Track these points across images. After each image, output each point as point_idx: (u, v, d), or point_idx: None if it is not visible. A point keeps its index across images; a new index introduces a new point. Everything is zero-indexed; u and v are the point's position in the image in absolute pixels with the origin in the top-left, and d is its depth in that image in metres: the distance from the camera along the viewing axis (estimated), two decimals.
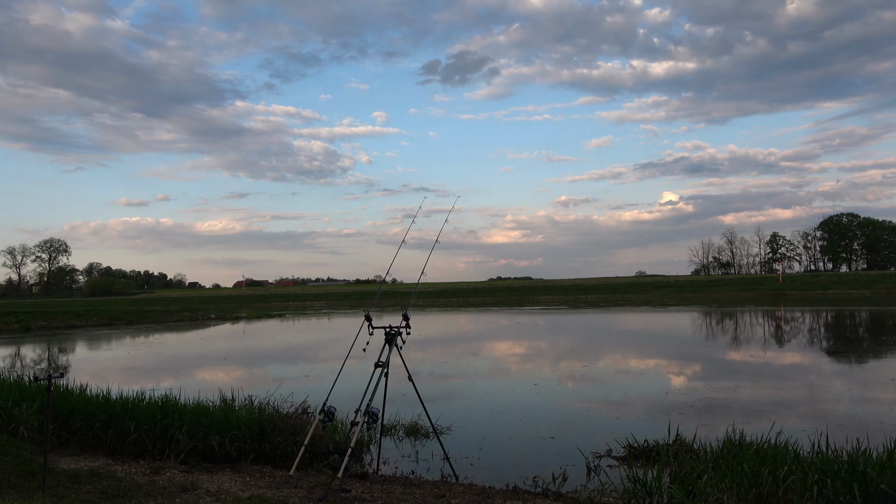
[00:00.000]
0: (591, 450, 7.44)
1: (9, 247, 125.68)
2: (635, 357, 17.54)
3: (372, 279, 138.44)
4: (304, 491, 5.86)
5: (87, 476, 6.02)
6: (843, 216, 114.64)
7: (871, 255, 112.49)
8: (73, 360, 20.24)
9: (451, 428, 8.85)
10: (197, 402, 8.00)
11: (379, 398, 6.36)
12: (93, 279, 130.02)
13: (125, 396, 7.95)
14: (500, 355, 19.04)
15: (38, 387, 8.17)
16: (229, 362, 18.52)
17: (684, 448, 6.60)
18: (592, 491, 6.00)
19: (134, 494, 5.53)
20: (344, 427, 7.44)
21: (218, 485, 6.00)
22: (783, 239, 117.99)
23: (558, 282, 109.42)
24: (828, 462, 5.16)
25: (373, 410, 6.15)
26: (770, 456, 5.50)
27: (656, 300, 62.53)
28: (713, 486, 5.04)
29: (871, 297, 58.02)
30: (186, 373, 16.24)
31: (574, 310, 47.49)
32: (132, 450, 7.06)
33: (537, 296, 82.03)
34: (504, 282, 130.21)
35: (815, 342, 21.34)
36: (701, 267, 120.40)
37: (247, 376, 15.11)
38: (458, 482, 6.54)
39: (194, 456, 6.86)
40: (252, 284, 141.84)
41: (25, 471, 6.04)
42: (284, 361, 18.46)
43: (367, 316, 6.60)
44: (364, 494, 5.83)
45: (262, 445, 7.07)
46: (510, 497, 5.85)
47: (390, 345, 6.53)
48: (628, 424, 8.84)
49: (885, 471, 4.79)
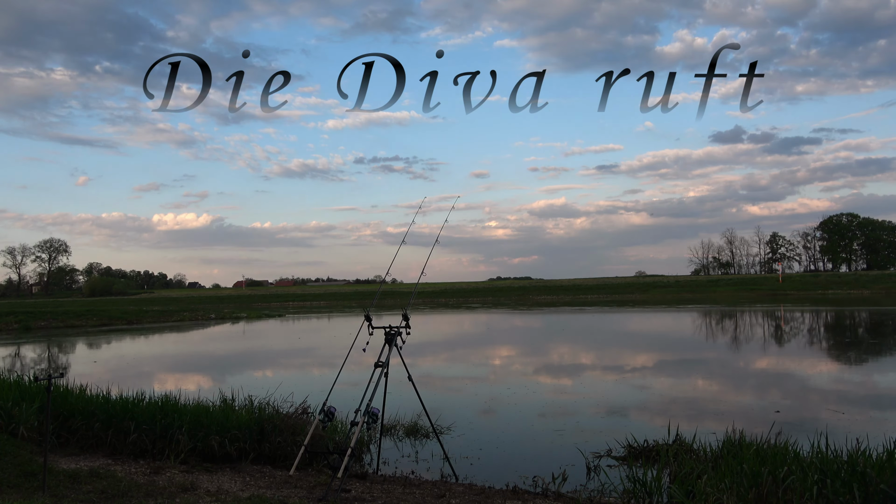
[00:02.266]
0: (591, 450, 7.44)
1: (9, 247, 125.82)
2: (635, 357, 17.54)
3: (372, 279, 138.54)
4: (304, 491, 5.86)
5: (87, 476, 6.02)
6: (843, 216, 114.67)
7: (870, 255, 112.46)
8: (72, 360, 20.23)
9: (451, 428, 8.85)
10: (197, 402, 7.99)
11: (379, 398, 6.36)
12: (93, 279, 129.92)
13: (125, 396, 7.95)
14: (500, 355, 19.04)
15: (38, 387, 8.17)
16: (229, 362, 18.52)
17: (684, 448, 6.60)
18: (592, 491, 6.00)
19: (134, 494, 5.53)
20: (344, 427, 7.44)
21: (218, 485, 6.00)
22: (783, 239, 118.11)
23: (558, 282, 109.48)
24: (828, 462, 5.16)
25: (373, 410, 6.15)
26: (770, 456, 5.49)
27: (656, 300, 62.52)
28: (713, 486, 5.04)
29: (871, 297, 58.02)
30: (186, 373, 16.24)
31: (574, 310, 47.48)
32: (132, 450, 7.06)
33: (537, 296, 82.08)
34: (504, 282, 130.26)
35: (814, 342, 21.34)
36: (700, 267, 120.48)
37: (247, 376, 15.10)
38: (458, 482, 6.54)
39: (194, 456, 6.86)
40: (252, 284, 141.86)
41: (25, 471, 6.04)
42: (284, 361, 18.46)
43: (367, 316, 6.61)
44: (364, 494, 5.83)
45: (262, 445, 7.07)
46: (510, 497, 5.85)
47: (390, 345, 6.53)
48: (628, 424, 8.85)
49: (885, 471, 4.79)
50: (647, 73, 22.01)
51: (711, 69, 25.88)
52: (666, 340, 23.05)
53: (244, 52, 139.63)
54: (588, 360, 17.19)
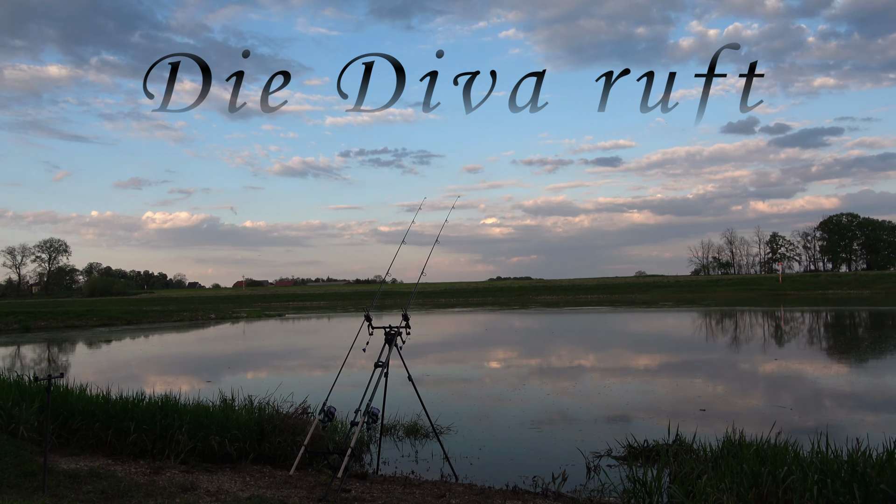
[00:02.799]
0: (591, 450, 7.44)
1: (9, 247, 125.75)
2: (635, 357, 17.54)
3: (372, 279, 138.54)
4: (304, 491, 5.86)
5: (87, 476, 6.02)
6: (843, 216, 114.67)
7: (870, 255, 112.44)
8: (72, 361, 20.24)
9: (451, 428, 8.85)
10: (197, 402, 7.99)
11: (379, 398, 6.36)
12: (93, 279, 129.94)
13: (125, 396, 7.95)
14: (500, 356, 19.04)
15: (38, 387, 8.17)
16: (229, 362, 18.52)
17: (684, 448, 6.60)
18: (592, 491, 6.00)
19: (134, 494, 5.53)
20: (344, 427, 7.44)
21: (218, 485, 6.00)
22: (783, 239, 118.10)
23: (558, 282, 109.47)
24: (828, 462, 5.16)
25: (373, 410, 6.16)
26: (770, 456, 5.49)
27: (656, 300, 62.53)
28: (713, 486, 5.04)
29: (871, 297, 58.02)
30: (186, 373, 16.24)
31: (574, 310, 47.48)
32: (132, 450, 7.06)
33: (537, 296, 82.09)
34: (504, 282, 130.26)
35: (814, 342, 21.34)
36: (700, 267, 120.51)
37: (247, 376, 15.11)
38: (458, 482, 6.54)
39: (194, 456, 6.86)
40: (252, 284, 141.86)
41: (25, 471, 6.04)
42: (284, 361, 18.46)
43: (367, 316, 6.61)
44: (364, 494, 5.83)
45: (262, 445, 7.07)
46: (510, 497, 5.85)
47: (390, 345, 6.53)
48: (628, 424, 8.85)
49: (885, 471, 4.79)
50: (646, 72, 22.04)
51: (711, 70, 25.83)
52: (666, 341, 23.05)
53: (244, 52, 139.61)
54: (587, 360, 17.19)
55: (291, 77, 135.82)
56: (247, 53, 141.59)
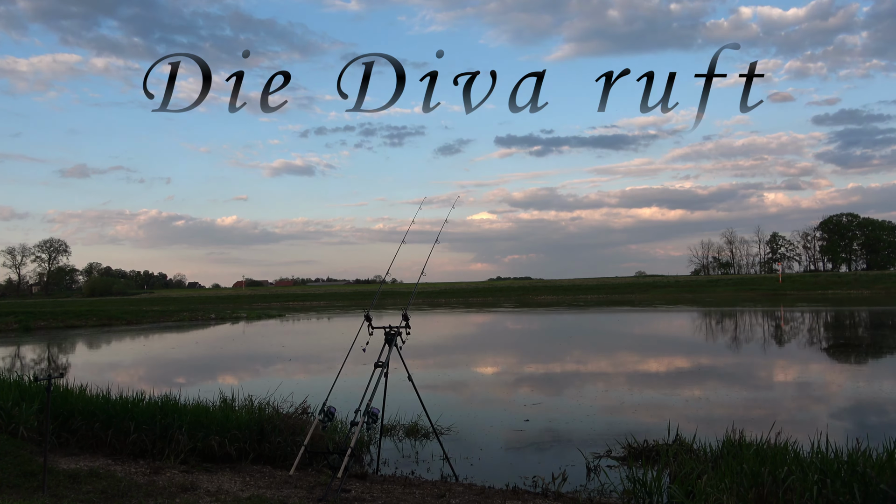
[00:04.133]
0: (590, 450, 7.44)
1: (8, 247, 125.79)
2: (635, 357, 17.54)
3: (372, 279, 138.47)
4: (304, 491, 5.86)
5: (87, 476, 6.02)
6: (843, 216, 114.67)
7: (870, 255, 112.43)
8: (72, 361, 20.23)
9: (451, 428, 8.84)
10: (197, 402, 7.99)
11: (379, 398, 6.36)
12: (93, 279, 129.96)
13: (125, 396, 7.95)
14: (500, 356, 19.04)
15: (38, 387, 8.17)
16: (229, 362, 18.52)
17: (684, 448, 6.60)
18: (592, 491, 6.00)
19: (134, 494, 5.53)
20: (344, 427, 7.44)
21: (218, 485, 6.00)
22: (783, 239, 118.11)
23: (558, 282, 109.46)
24: (828, 462, 5.16)
25: (373, 410, 6.15)
26: (770, 456, 5.49)
27: (656, 300, 62.53)
28: (713, 486, 5.04)
29: (871, 297, 58.00)
30: (186, 373, 16.24)
31: (574, 310, 47.48)
32: (132, 450, 7.06)
33: (537, 296, 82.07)
34: (504, 282, 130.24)
35: (814, 342, 21.34)
36: (700, 267, 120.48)
37: (247, 376, 15.10)
38: (458, 482, 6.54)
39: (194, 456, 6.86)
40: (252, 284, 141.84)
41: (25, 471, 6.04)
42: (284, 361, 18.45)
43: (367, 316, 6.61)
44: (364, 494, 5.83)
45: (262, 445, 7.07)
46: (510, 497, 5.85)
47: (390, 345, 6.53)
48: (628, 424, 8.85)
49: (885, 471, 4.79)
50: (646, 73, 22.05)
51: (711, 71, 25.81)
52: (665, 341, 23.05)
53: (244, 52, 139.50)
54: (588, 360, 17.19)
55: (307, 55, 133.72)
56: (247, 53, 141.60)
